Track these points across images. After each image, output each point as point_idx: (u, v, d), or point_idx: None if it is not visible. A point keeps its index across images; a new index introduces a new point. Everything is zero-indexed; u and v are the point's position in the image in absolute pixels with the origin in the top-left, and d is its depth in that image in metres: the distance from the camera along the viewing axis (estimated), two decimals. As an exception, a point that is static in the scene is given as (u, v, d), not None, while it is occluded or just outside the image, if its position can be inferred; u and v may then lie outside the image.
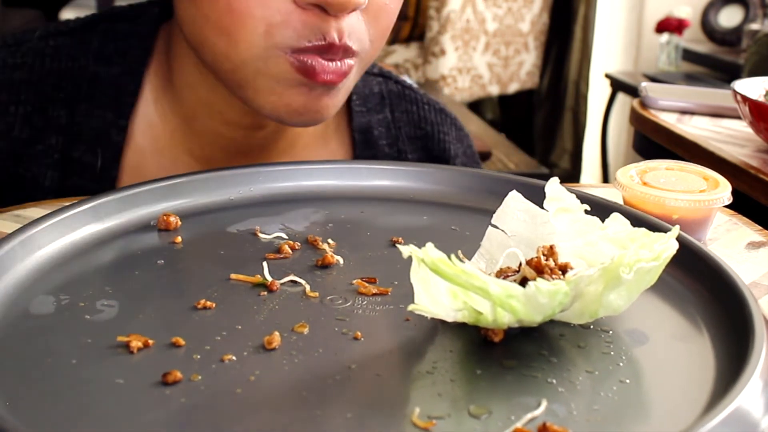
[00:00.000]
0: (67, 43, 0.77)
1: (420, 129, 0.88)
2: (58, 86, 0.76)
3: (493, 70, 3.32)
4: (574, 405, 0.42)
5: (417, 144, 0.88)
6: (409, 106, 0.88)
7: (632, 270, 0.46)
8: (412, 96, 0.89)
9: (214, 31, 0.64)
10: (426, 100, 0.90)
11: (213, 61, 0.67)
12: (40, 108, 0.76)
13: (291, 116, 0.67)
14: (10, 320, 0.48)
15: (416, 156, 0.87)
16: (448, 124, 0.90)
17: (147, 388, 0.42)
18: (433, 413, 0.41)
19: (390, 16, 0.67)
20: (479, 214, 0.64)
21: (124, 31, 0.78)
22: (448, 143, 0.89)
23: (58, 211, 0.58)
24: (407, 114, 0.88)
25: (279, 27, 0.62)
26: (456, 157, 0.90)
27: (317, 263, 0.57)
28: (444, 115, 0.91)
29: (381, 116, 0.85)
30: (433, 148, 0.88)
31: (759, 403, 0.40)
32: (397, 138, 0.86)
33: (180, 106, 0.76)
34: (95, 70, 0.76)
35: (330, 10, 0.61)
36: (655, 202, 0.64)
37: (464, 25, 3.19)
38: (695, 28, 3.38)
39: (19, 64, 0.76)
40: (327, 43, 0.63)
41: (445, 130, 0.90)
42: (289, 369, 0.44)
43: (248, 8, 0.62)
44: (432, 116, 0.89)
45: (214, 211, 0.65)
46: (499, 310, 0.45)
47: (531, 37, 3.41)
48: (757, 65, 2.17)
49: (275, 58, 0.63)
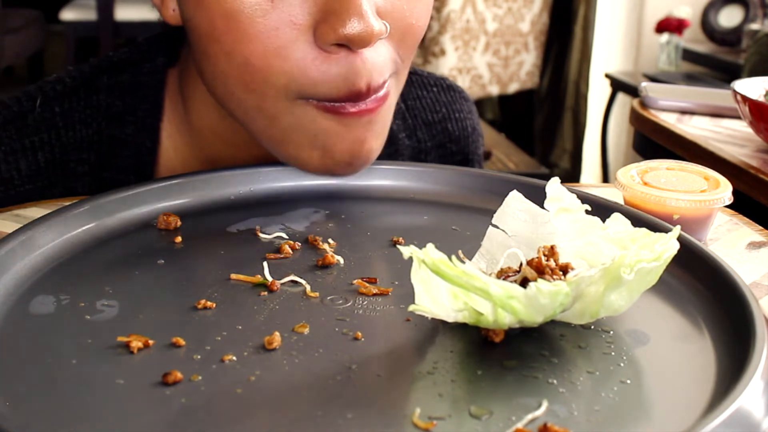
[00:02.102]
0: (75, 107, 0.73)
1: (436, 113, 0.87)
2: (80, 160, 0.73)
3: (493, 70, 3.32)
4: (575, 405, 0.42)
5: (436, 128, 0.87)
6: (420, 92, 0.87)
7: (633, 270, 0.46)
8: (420, 81, 0.88)
9: (239, 87, 0.61)
10: (434, 81, 0.89)
11: (245, 118, 0.64)
12: (69, 186, 0.73)
13: (339, 168, 0.65)
14: (10, 320, 0.48)
15: (436, 141, 0.87)
16: (460, 101, 0.90)
17: (147, 389, 0.42)
18: (434, 414, 0.41)
19: (417, 34, 0.63)
20: (479, 214, 0.64)
21: (130, 84, 0.74)
22: (464, 120, 0.89)
23: (58, 211, 0.58)
24: (420, 101, 0.87)
25: (303, 76, 0.59)
26: (474, 131, 0.91)
27: (318, 263, 0.57)
28: (454, 92, 0.90)
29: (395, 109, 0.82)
30: (454, 128, 0.88)
31: (760, 404, 0.40)
32: (414, 128, 0.85)
33: (201, 149, 0.73)
34: (110, 134, 0.73)
35: (353, 47, 0.58)
36: (655, 202, 0.64)
37: (464, 25, 3.19)
38: (695, 28, 3.38)
39: (38, 143, 0.72)
40: (355, 93, 0.60)
41: (459, 108, 0.89)
42: (289, 369, 0.44)
43: (267, 62, 0.58)
44: (444, 97, 0.88)
45: (214, 211, 0.65)
46: (499, 310, 0.45)
47: (531, 37, 3.41)
48: (757, 65, 2.16)
49: (303, 107, 0.61)
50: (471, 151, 0.90)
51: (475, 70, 3.24)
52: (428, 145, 0.86)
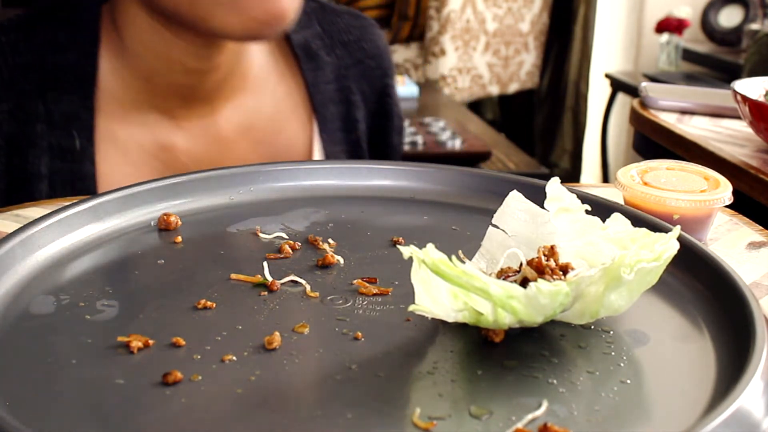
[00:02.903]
0: (20, 37, 0.82)
1: (350, 34, 0.98)
2: (26, 78, 0.81)
3: (493, 70, 3.32)
4: (575, 405, 0.42)
5: (353, 47, 0.97)
6: (332, 17, 0.98)
7: (633, 270, 0.46)
8: (331, 8, 0.98)
9: None
10: (344, 9, 1.00)
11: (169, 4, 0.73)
12: (17, 102, 0.81)
13: (260, 28, 0.73)
14: (10, 320, 0.48)
15: (354, 58, 0.97)
16: (369, 26, 1.01)
17: (147, 388, 0.42)
18: (434, 414, 0.41)
19: None
20: (479, 214, 0.64)
21: (67, 19, 0.83)
22: (376, 40, 1.01)
23: (58, 211, 0.58)
24: (334, 25, 0.97)
25: None
26: (386, 50, 1.02)
27: (318, 263, 0.57)
28: (363, 19, 1.02)
29: (312, 31, 0.93)
30: (368, 47, 0.99)
31: (760, 404, 0.40)
32: (332, 47, 0.94)
33: (138, 68, 0.83)
34: (53, 60, 0.82)
35: None
36: (655, 202, 0.64)
37: (464, 25, 3.19)
38: (695, 28, 3.38)
39: None
40: None
41: (371, 31, 1.01)
42: (289, 369, 0.44)
43: None
44: (355, 22, 1.00)
45: (214, 211, 0.65)
46: (499, 310, 0.45)
47: (531, 37, 3.41)
48: (757, 65, 2.17)
49: None
50: (387, 66, 1.01)
51: (475, 70, 3.25)
52: (347, 62, 0.96)
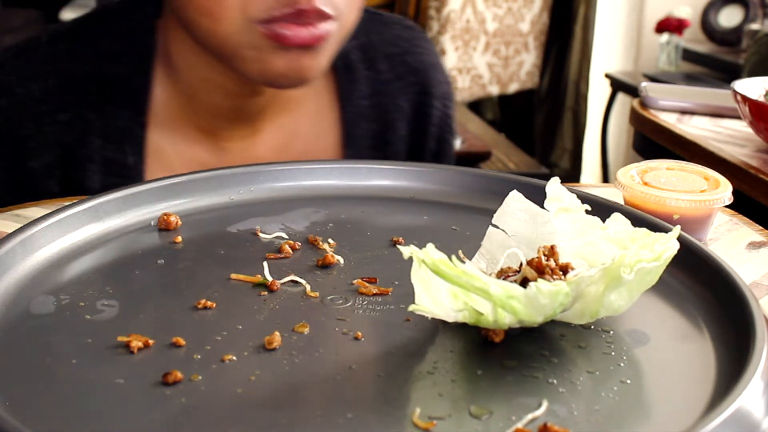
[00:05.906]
0: (76, 47, 0.81)
1: (396, 46, 0.94)
2: (86, 90, 0.80)
3: (493, 70, 3.32)
4: (575, 405, 0.42)
5: (396, 60, 0.94)
6: (380, 28, 0.95)
7: (633, 270, 0.46)
8: (382, 19, 0.96)
9: (198, 12, 0.72)
10: (395, 20, 0.98)
11: (202, 39, 0.74)
12: (78, 113, 0.80)
13: (277, 79, 0.74)
14: (10, 320, 0.48)
15: (395, 73, 0.93)
16: (420, 38, 0.98)
17: (147, 388, 0.42)
18: (434, 413, 0.41)
19: None
20: (479, 214, 0.64)
21: (123, 29, 0.82)
22: (422, 54, 0.96)
23: (58, 211, 0.58)
24: (380, 36, 0.94)
25: (253, 1, 0.69)
26: (432, 67, 0.97)
27: (318, 263, 0.57)
28: (414, 30, 0.98)
29: (356, 41, 0.90)
30: (412, 61, 0.95)
31: (760, 404, 0.40)
32: (374, 60, 0.92)
33: (183, 86, 0.82)
34: (108, 71, 0.81)
35: None
36: (655, 202, 0.64)
37: (464, 25, 3.19)
38: (695, 28, 3.38)
39: (49, 71, 0.80)
40: (296, 11, 0.68)
41: (418, 44, 0.97)
42: (289, 369, 0.44)
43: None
44: (404, 34, 0.96)
45: (214, 211, 0.65)
46: (499, 310, 0.45)
47: (531, 37, 3.41)
48: (757, 65, 2.16)
49: (250, 30, 0.70)
50: (430, 84, 0.95)
51: (475, 70, 3.24)
52: (388, 76, 0.93)
